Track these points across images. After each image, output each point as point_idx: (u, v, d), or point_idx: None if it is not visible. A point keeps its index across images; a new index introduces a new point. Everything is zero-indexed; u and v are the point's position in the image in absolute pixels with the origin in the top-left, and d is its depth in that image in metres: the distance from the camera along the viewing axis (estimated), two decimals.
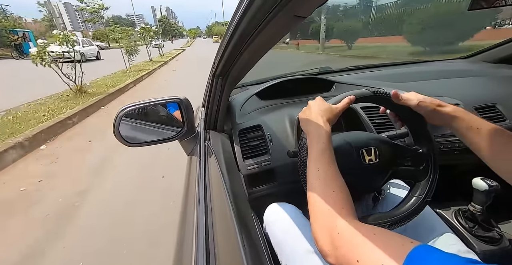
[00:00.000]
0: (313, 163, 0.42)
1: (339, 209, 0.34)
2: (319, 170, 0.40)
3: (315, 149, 0.43)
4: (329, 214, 0.33)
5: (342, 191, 0.37)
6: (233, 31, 0.41)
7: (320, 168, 0.40)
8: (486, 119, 0.83)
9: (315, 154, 0.42)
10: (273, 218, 0.62)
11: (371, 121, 0.83)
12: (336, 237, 0.30)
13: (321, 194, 0.37)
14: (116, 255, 1.31)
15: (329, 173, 0.39)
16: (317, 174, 0.40)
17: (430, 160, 0.53)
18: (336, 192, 0.36)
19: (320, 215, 0.35)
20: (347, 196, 0.37)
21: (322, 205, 0.35)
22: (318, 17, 11.89)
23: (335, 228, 0.31)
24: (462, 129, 0.44)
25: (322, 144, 0.42)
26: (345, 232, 0.30)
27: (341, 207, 0.34)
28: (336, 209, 0.34)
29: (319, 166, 0.40)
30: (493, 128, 0.41)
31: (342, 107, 0.49)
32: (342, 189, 0.38)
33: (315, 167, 0.41)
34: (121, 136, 0.63)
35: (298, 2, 0.29)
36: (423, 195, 0.51)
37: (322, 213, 0.34)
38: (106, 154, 2.47)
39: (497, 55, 1.28)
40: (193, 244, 0.39)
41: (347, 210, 0.34)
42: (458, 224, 0.69)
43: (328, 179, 0.38)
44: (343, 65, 1.41)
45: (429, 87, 1.01)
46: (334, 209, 0.34)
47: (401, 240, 0.26)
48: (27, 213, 1.68)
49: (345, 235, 0.30)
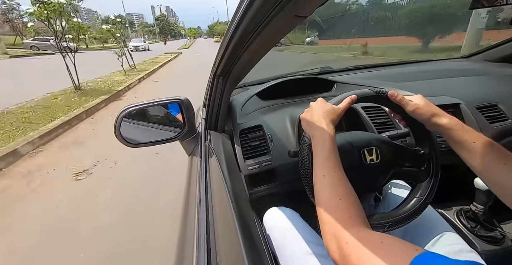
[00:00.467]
0: (319, 169, 0.42)
1: (346, 218, 0.34)
2: (324, 177, 0.40)
3: (320, 156, 0.43)
4: (336, 223, 0.34)
5: (350, 197, 0.37)
6: (233, 31, 0.41)
7: (325, 174, 0.40)
8: (488, 119, 0.84)
9: (320, 161, 0.42)
10: (272, 223, 0.62)
11: (372, 120, 0.82)
12: (344, 247, 0.31)
13: (328, 202, 0.37)
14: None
15: (335, 179, 0.39)
16: (323, 182, 0.40)
17: (432, 161, 0.52)
18: (343, 200, 0.36)
19: (328, 224, 0.35)
20: (354, 202, 0.37)
21: (330, 214, 0.35)
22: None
23: (343, 237, 0.31)
24: (457, 142, 0.44)
25: (327, 150, 0.42)
26: (353, 242, 0.30)
27: (348, 216, 0.34)
28: (343, 218, 0.34)
29: (324, 172, 0.40)
30: (488, 142, 0.41)
31: (344, 107, 0.49)
32: (350, 195, 0.37)
33: (321, 174, 0.41)
34: (122, 137, 0.63)
35: (298, 2, 0.29)
36: (424, 196, 0.51)
37: (330, 223, 0.35)
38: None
39: (499, 54, 1.27)
40: (194, 244, 0.39)
41: (354, 218, 0.34)
42: (460, 224, 0.69)
43: (334, 187, 0.38)
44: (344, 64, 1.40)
45: (431, 86, 1.00)
46: (341, 218, 0.34)
47: (405, 248, 0.26)
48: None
49: (353, 245, 0.30)
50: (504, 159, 0.38)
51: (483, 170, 0.41)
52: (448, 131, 0.44)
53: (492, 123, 0.84)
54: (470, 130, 0.43)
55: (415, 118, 0.49)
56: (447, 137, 0.45)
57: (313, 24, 12.64)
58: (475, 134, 0.43)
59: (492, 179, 0.40)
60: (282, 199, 0.75)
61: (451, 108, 0.87)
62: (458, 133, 0.43)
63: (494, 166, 0.39)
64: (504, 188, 0.38)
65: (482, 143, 0.41)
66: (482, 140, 0.41)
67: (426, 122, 0.48)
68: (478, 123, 0.83)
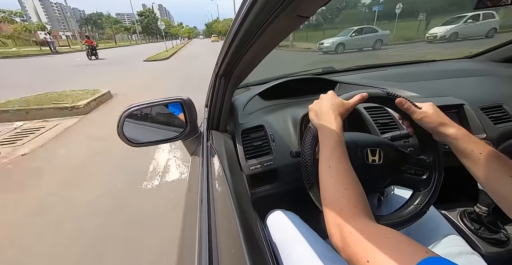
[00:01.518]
0: (324, 160, 0.41)
1: (351, 208, 0.34)
2: (330, 167, 0.40)
3: (326, 147, 0.43)
4: (341, 212, 0.33)
5: (355, 187, 0.37)
6: (236, 31, 0.41)
7: (331, 165, 0.40)
8: (493, 119, 0.83)
9: (327, 152, 0.42)
10: (274, 225, 0.63)
11: (374, 121, 0.82)
12: (348, 236, 0.30)
13: (333, 191, 0.37)
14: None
15: (341, 169, 0.39)
16: (329, 171, 0.39)
17: (435, 170, 0.52)
18: (348, 189, 0.36)
19: (333, 213, 0.34)
20: (360, 193, 0.37)
21: (335, 203, 0.35)
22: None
23: (347, 226, 0.31)
24: (463, 152, 0.43)
25: (334, 141, 0.42)
26: (357, 232, 0.30)
27: (353, 206, 0.34)
28: (348, 208, 0.34)
29: (330, 163, 0.40)
30: (495, 154, 0.40)
31: (354, 103, 0.48)
32: (355, 185, 0.37)
33: (327, 164, 0.40)
34: (124, 136, 0.63)
35: (301, 2, 0.29)
36: (421, 205, 0.50)
37: (335, 211, 0.34)
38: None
39: (504, 54, 1.26)
40: (196, 244, 0.39)
41: (359, 208, 0.34)
42: (463, 226, 0.68)
43: (340, 176, 0.38)
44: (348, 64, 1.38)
45: (434, 86, 0.99)
46: (346, 208, 0.34)
47: (415, 248, 0.25)
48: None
49: (357, 235, 0.29)
50: (511, 172, 0.38)
51: (487, 182, 0.40)
52: (455, 141, 0.44)
53: (496, 124, 0.83)
54: (476, 141, 0.43)
55: (422, 127, 0.48)
56: (454, 147, 0.45)
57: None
58: (481, 145, 0.42)
59: (496, 191, 0.39)
60: (284, 199, 0.75)
61: (455, 109, 0.86)
62: (465, 144, 0.43)
63: (499, 178, 0.38)
64: (508, 201, 0.37)
65: (489, 154, 0.40)
66: (489, 151, 0.41)
67: (432, 131, 0.47)
68: (482, 124, 0.82)
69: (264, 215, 0.68)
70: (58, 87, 4.85)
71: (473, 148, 0.42)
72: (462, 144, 0.43)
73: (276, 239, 0.59)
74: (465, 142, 0.43)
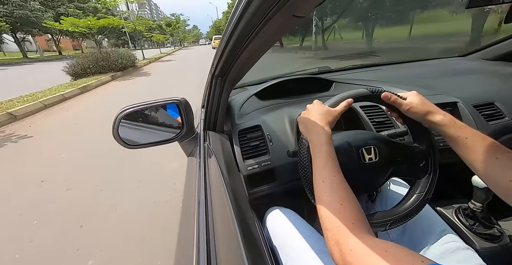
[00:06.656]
0: (318, 174, 0.42)
1: (348, 224, 0.34)
2: (324, 182, 0.40)
3: (318, 159, 0.43)
4: (339, 229, 0.33)
5: (350, 202, 0.37)
6: (231, 32, 0.41)
7: (324, 179, 0.40)
8: (485, 117, 0.85)
9: (319, 165, 0.42)
10: (272, 223, 0.63)
11: (370, 120, 0.82)
12: (348, 254, 0.30)
13: (329, 208, 0.37)
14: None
15: (334, 183, 0.39)
16: (323, 187, 0.40)
17: (430, 157, 0.53)
18: (344, 205, 0.36)
19: (331, 230, 0.35)
20: (355, 206, 0.37)
21: (332, 220, 0.35)
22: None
23: (346, 244, 0.31)
24: (451, 138, 0.44)
25: (325, 153, 0.43)
26: (356, 249, 0.30)
27: (350, 222, 0.34)
28: (346, 224, 0.34)
29: (323, 177, 0.41)
30: (481, 137, 0.41)
31: (341, 110, 0.49)
32: (350, 200, 0.37)
33: (320, 178, 0.41)
34: (120, 138, 0.63)
35: (296, 2, 0.29)
36: (423, 192, 0.51)
37: (333, 229, 0.34)
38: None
39: (496, 52, 1.28)
40: (194, 245, 0.39)
41: (357, 224, 0.34)
42: (458, 222, 0.69)
43: (334, 191, 0.38)
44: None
45: (428, 85, 1.01)
46: (344, 224, 0.34)
47: (412, 258, 0.26)
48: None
49: (356, 252, 0.30)
50: (496, 153, 0.39)
51: (477, 165, 0.41)
52: (442, 127, 0.45)
53: (489, 121, 0.85)
54: (463, 126, 0.44)
55: (411, 117, 0.49)
56: (442, 133, 0.46)
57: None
58: (467, 129, 0.43)
59: (486, 173, 0.40)
60: (281, 199, 0.75)
61: (448, 107, 0.87)
62: (452, 130, 0.44)
63: (487, 160, 0.39)
64: (498, 182, 0.38)
65: (475, 138, 0.41)
66: (475, 135, 0.42)
67: (421, 120, 0.49)
68: (475, 121, 0.84)
69: (262, 215, 0.67)
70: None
71: (459, 133, 0.43)
72: (449, 130, 0.44)
73: (275, 237, 0.59)
74: (452, 128, 0.44)
